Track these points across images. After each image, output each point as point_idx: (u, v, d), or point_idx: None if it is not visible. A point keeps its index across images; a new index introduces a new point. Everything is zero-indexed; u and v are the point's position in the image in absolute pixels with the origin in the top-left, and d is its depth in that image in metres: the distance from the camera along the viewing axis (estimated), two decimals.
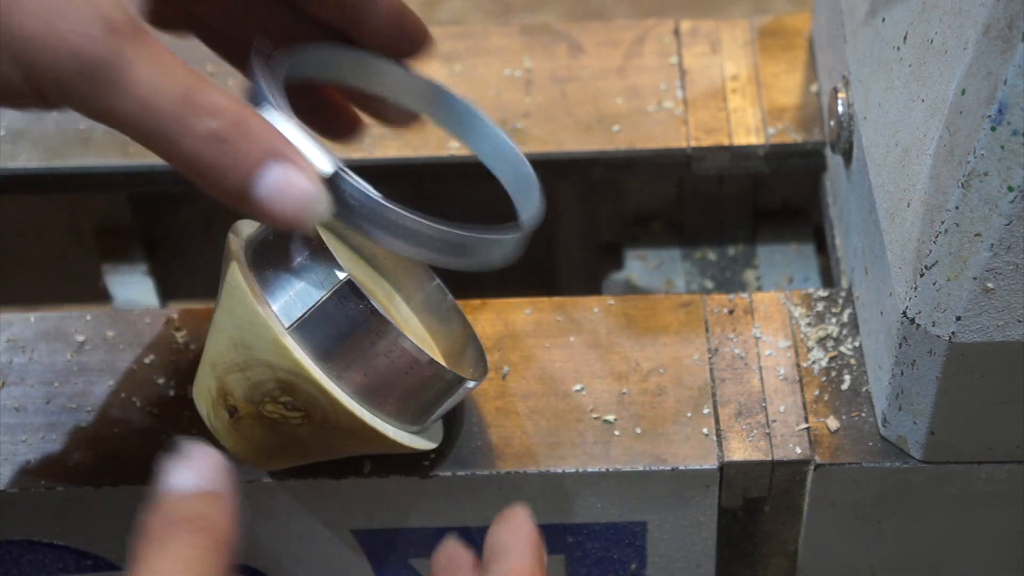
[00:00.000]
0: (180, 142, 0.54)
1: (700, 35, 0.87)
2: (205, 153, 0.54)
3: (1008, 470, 0.69)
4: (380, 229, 0.59)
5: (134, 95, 0.53)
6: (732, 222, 0.89)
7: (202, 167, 0.55)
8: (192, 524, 0.52)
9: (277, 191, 0.55)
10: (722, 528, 0.72)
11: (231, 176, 0.55)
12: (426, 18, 0.68)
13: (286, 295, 0.61)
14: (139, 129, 0.54)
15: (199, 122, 0.54)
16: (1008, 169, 0.59)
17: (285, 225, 0.56)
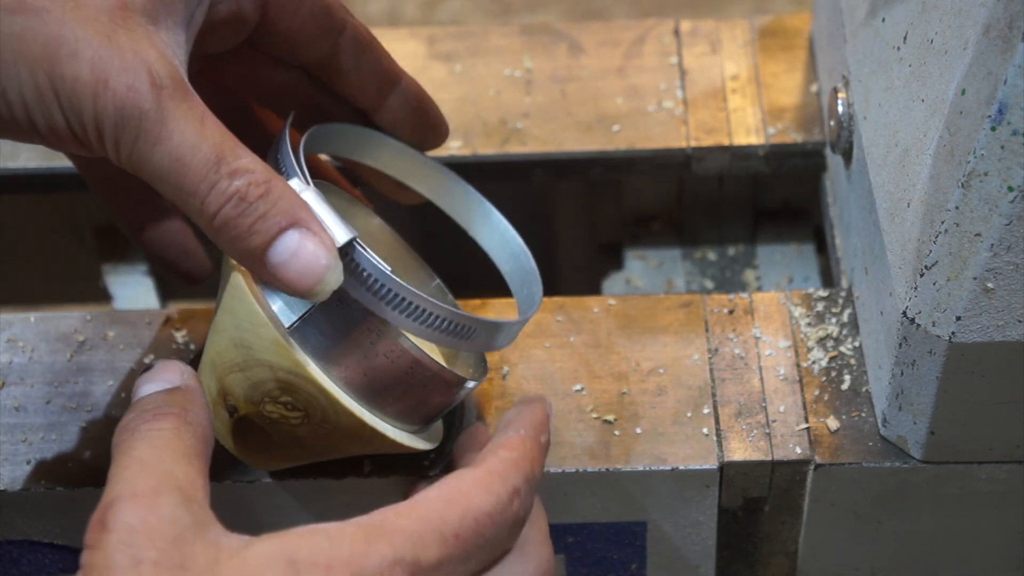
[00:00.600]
0: (206, 199, 0.56)
1: (700, 35, 0.87)
2: (227, 213, 0.56)
3: (1008, 470, 0.69)
4: (387, 304, 0.59)
5: (168, 149, 0.55)
6: (732, 222, 0.89)
7: (223, 226, 0.56)
8: (163, 412, 0.56)
9: (292, 257, 0.57)
10: (722, 528, 0.72)
11: (250, 238, 0.56)
12: (426, 18, 0.68)
13: (286, 295, 0.61)
14: (168, 182, 0.56)
15: (226, 182, 0.56)
16: (1008, 169, 0.59)
17: (297, 293, 0.57)
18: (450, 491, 0.57)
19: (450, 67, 0.86)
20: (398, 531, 0.54)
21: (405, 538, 0.54)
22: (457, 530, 0.55)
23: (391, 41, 0.87)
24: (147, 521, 0.52)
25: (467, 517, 0.56)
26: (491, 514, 0.57)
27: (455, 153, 0.82)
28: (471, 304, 0.76)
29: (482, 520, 0.56)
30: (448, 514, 0.56)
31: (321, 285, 0.57)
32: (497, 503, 0.57)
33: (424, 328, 0.60)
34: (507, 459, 0.59)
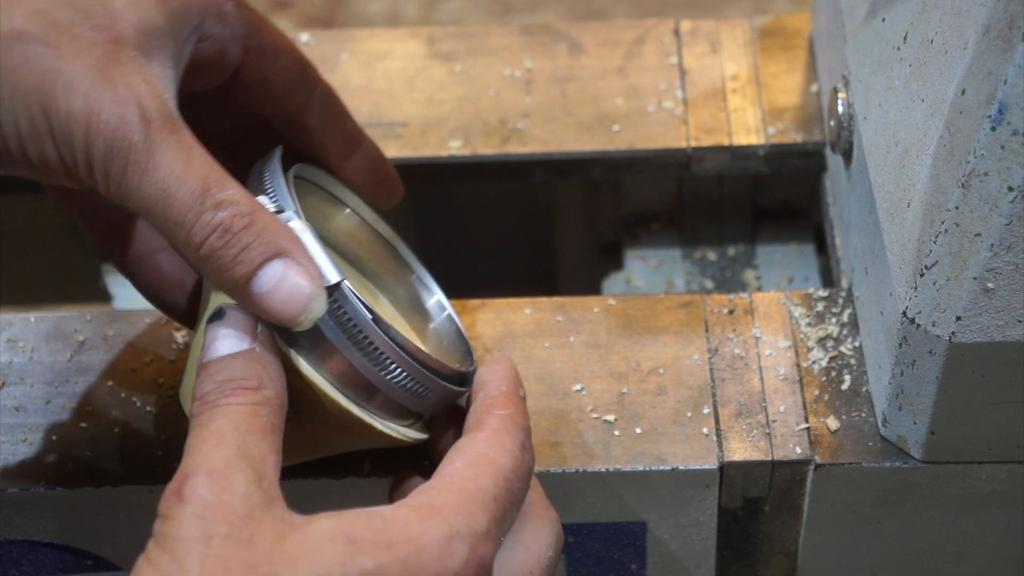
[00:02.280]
0: (191, 230, 0.57)
1: (700, 35, 0.87)
2: (212, 244, 0.57)
3: (1008, 470, 0.69)
4: (363, 350, 0.60)
5: (155, 180, 0.57)
6: (732, 222, 0.89)
7: (208, 257, 0.57)
8: (242, 386, 0.57)
9: (275, 288, 0.58)
10: (722, 528, 0.72)
11: (234, 268, 0.57)
12: (426, 18, 0.68)
13: None
14: (155, 213, 0.57)
15: (211, 213, 0.57)
16: (1008, 169, 0.59)
17: (281, 322, 0.58)
18: (473, 457, 0.59)
19: (450, 67, 0.86)
20: (446, 506, 0.56)
21: (454, 511, 0.56)
22: (495, 493, 0.58)
23: (391, 41, 0.87)
24: (221, 497, 0.53)
25: (499, 479, 0.58)
26: (514, 470, 0.59)
27: (455, 153, 0.82)
28: (471, 304, 0.76)
29: (509, 478, 0.59)
30: (482, 480, 0.58)
31: (304, 315, 0.58)
32: (514, 459, 0.60)
33: (391, 383, 0.61)
34: (505, 416, 0.61)
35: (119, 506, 0.70)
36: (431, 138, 0.82)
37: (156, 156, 0.56)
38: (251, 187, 0.63)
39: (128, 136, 0.56)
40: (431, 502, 0.56)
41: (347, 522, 0.54)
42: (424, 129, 0.83)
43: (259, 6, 0.69)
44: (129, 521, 0.71)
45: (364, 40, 0.87)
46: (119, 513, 0.70)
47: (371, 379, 0.61)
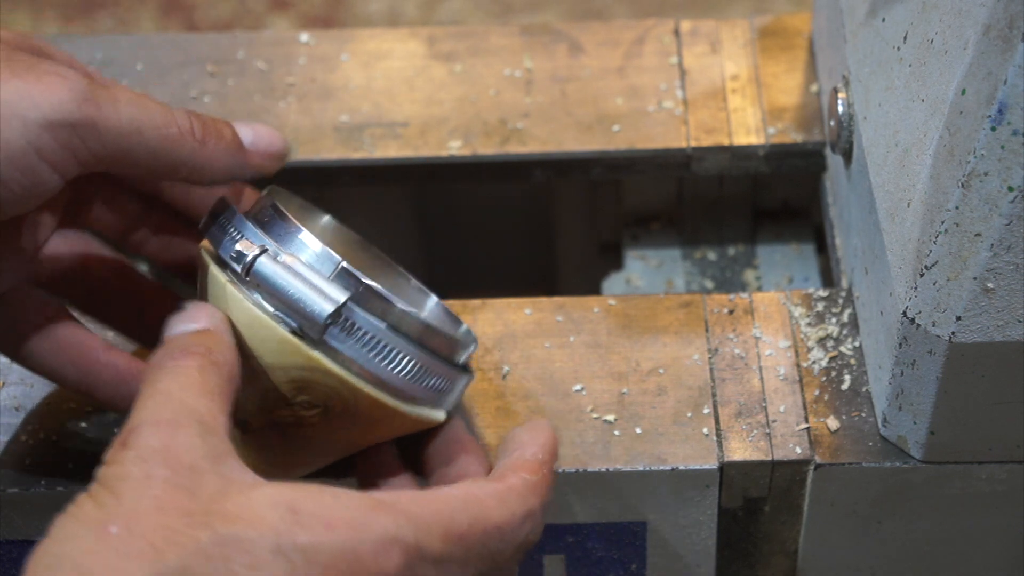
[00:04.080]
0: (172, 119, 0.60)
1: (700, 35, 0.87)
2: (190, 138, 0.61)
3: (1008, 470, 0.69)
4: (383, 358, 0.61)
5: (124, 116, 0.59)
6: (732, 222, 0.89)
7: (194, 147, 0.61)
8: (190, 351, 0.58)
9: (254, 134, 0.63)
10: (722, 528, 0.72)
11: (221, 133, 0.61)
12: (426, 18, 0.68)
13: (276, 303, 0.61)
14: (138, 127, 0.59)
15: (183, 112, 0.61)
16: (1008, 169, 0.59)
17: (273, 160, 0.62)
18: (467, 495, 0.57)
19: (450, 67, 0.86)
20: (404, 512, 0.54)
21: (410, 520, 0.54)
22: (464, 532, 0.56)
23: (391, 41, 0.87)
24: (166, 445, 0.54)
25: (476, 524, 0.56)
26: (501, 528, 0.57)
27: (455, 153, 0.82)
28: (471, 304, 0.76)
29: (490, 531, 0.57)
30: (460, 515, 0.56)
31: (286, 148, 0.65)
32: (511, 519, 0.58)
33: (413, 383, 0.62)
34: (528, 481, 0.60)
35: None
36: (431, 138, 0.82)
37: (111, 105, 0.59)
38: (220, 237, 0.62)
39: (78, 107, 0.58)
40: (394, 502, 0.55)
41: (295, 492, 0.53)
42: (424, 129, 0.83)
43: (259, 7, 0.69)
44: None
45: (364, 40, 0.87)
46: None
47: (394, 382, 0.61)
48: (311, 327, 0.60)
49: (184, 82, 0.84)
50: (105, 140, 0.59)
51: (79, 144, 0.59)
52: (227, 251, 0.61)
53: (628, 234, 0.90)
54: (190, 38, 0.88)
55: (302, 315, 0.60)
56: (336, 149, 0.82)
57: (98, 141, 0.59)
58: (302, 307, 0.60)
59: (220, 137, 0.62)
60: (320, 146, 0.82)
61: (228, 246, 0.61)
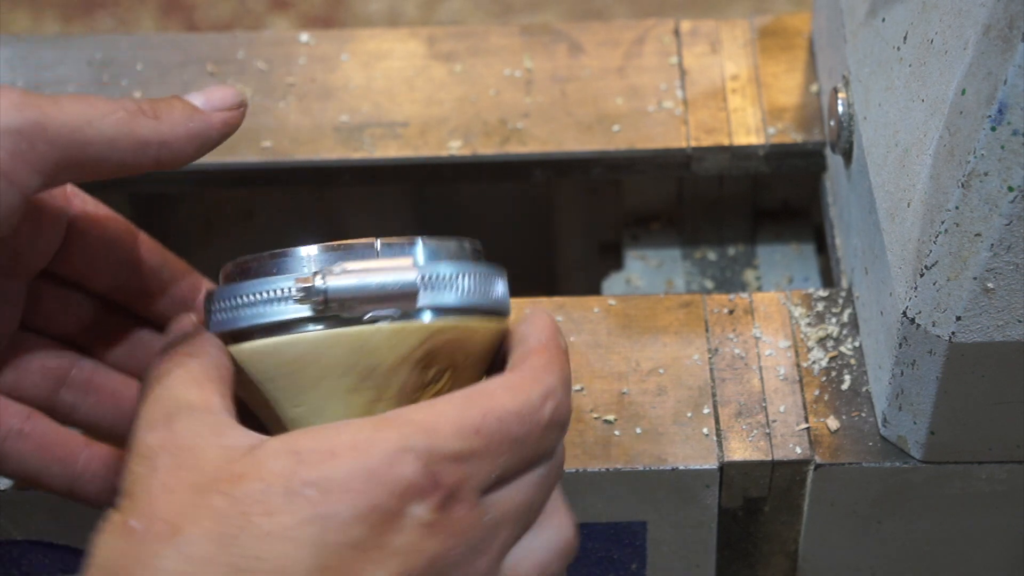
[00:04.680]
0: (128, 119, 0.59)
1: (700, 35, 0.87)
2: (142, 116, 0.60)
3: (1008, 470, 0.69)
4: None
5: (68, 111, 0.58)
6: (732, 222, 0.89)
7: (151, 124, 0.60)
8: (172, 353, 0.59)
9: (207, 94, 0.62)
10: (722, 528, 0.72)
11: (174, 104, 0.61)
12: (426, 18, 0.68)
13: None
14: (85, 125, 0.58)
15: (126, 101, 0.60)
16: (1008, 169, 0.59)
17: (233, 112, 0.61)
18: (472, 392, 0.57)
19: (450, 67, 0.86)
20: (409, 422, 0.54)
21: (416, 428, 0.54)
22: (478, 424, 0.55)
23: (391, 41, 0.87)
24: (164, 437, 0.55)
25: (490, 414, 0.55)
26: (518, 413, 0.56)
27: (455, 153, 0.82)
28: None
29: (507, 419, 0.56)
30: (469, 411, 0.55)
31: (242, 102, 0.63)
32: (526, 402, 0.56)
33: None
34: (537, 364, 0.58)
35: None
36: (431, 138, 0.82)
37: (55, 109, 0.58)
38: (259, 307, 0.60)
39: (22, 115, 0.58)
40: (396, 416, 0.54)
41: (295, 437, 0.54)
42: (424, 129, 0.83)
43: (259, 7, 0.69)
44: None
45: (364, 40, 0.87)
46: None
47: (487, 302, 0.61)
48: (408, 301, 0.59)
49: (184, 82, 0.84)
50: (57, 140, 0.58)
51: (30, 150, 0.57)
52: (282, 305, 0.59)
53: (628, 234, 0.90)
54: (190, 38, 0.88)
55: (396, 297, 0.58)
56: (336, 149, 0.82)
57: (50, 143, 0.58)
58: (393, 289, 0.59)
59: (172, 107, 0.61)
60: (320, 146, 0.82)
61: (280, 302, 0.59)
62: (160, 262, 0.67)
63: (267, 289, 0.59)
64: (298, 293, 0.58)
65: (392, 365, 0.59)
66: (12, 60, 0.85)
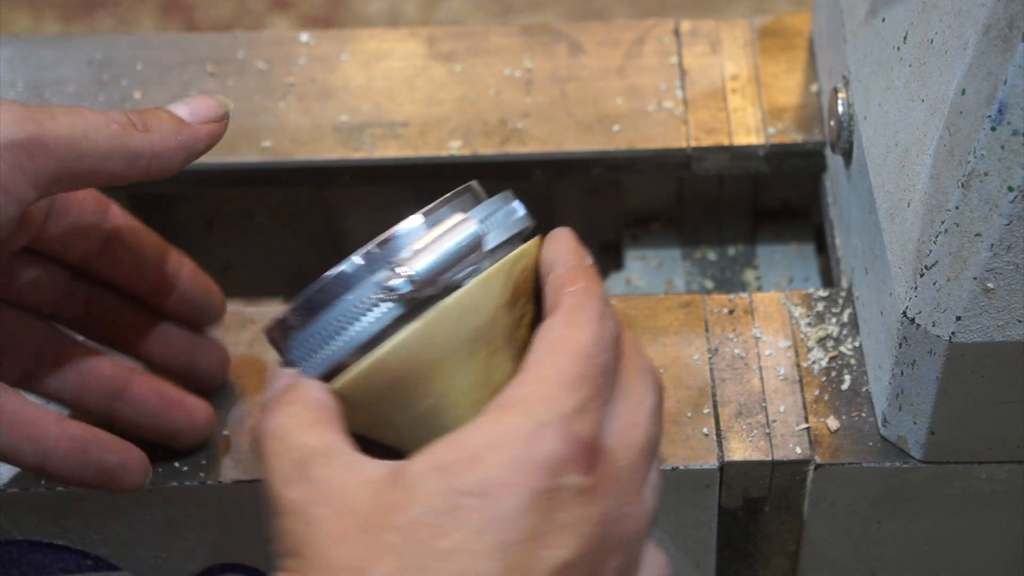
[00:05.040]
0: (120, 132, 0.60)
1: (700, 35, 0.87)
2: (133, 129, 0.61)
3: (1008, 470, 0.69)
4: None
5: (65, 125, 0.59)
6: (732, 222, 0.89)
7: (142, 137, 0.61)
8: (282, 401, 0.58)
9: (191, 105, 0.63)
10: (722, 528, 0.72)
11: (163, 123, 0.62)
12: (426, 18, 0.68)
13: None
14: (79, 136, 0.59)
15: (115, 114, 0.61)
16: (1008, 169, 0.59)
17: (217, 123, 0.63)
18: (549, 342, 0.57)
19: (450, 67, 0.86)
20: (523, 400, 0.55)
21: (533, 402, 0.55)
22: (578, 371, 0.56)
23: (391, 41, 0.87)
24: (306, 490, 0.55)
25: (580, 356, 0.56)
26: (596, 343, 0.57)
27: (455, 153, 0.82)
28: None
29: (591, 352, 0.57)
30: (561, 362, 0.56)
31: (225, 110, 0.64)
32: (593, 332, 0.58)
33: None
34: (576, 292, 0.59)
35: (119, 506, 0.70)
36: (431, 138, 0.82)
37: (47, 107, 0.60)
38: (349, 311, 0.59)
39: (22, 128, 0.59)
40: (508, 401, 0.55)
41: (433, 453, 0.54)
42: (424, 129, 0.83)
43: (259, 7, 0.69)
44: (129, 521, 0.71)
45: (364, 40, 0.87)
46: (119, 513, 0.70)
47: (528, 222, 0.62)
48: (478, 251, 0.59)
49: (184, 82, 0.84)
50: (54, 153, 0.59)
51: (29, 164, 0.58)
52: (374, 316, 0.59)
53: (628, 234, 0.90)
54: (190, 38, 0.88)
55: (470, 251, 0.59)
56: (336, 149, 0.82)
57: (48, 156, 0.59)
58: (465, 246, 0.59)
59: (160, 119, 0.62)
60: (320, 146, 0.82)
61: (370, 313, 0.59)
62: (133, 234, 0.68)
63: (351, 308, 0.59)
64: (387, 295, 0.58)
65: (491, 314, 0.60)
66: (12, 60, 0.85)
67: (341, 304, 0.58)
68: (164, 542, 0.72)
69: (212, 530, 0.71)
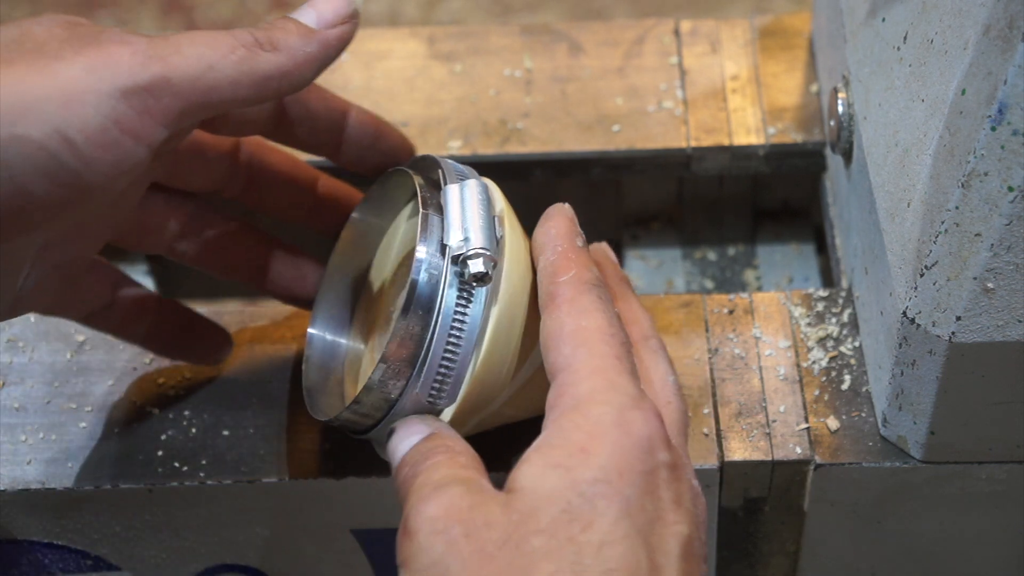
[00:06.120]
0: (247, 56, 0.59)
1: (700, 35, 0.87)
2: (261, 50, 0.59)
3: (1008, 470, 0.69)
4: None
5: (191, 58, 0.58)
6: (732, 222, 0.89)
7: (269, 57, 0.59)
8: (434, 452, 0.59)
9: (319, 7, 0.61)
10: (722, 528, 0.72)
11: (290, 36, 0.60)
12: (426, 18, 0.68)
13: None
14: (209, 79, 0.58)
15: (241, 35, 0.59)
16: (1008, 169, 0.59)
17: (349, 24, 0.61)
18: (572, 337, 0.58)
19: (450, 67, 0.86)
20: (595, 392, 0.56)
21: (605, 391, 0.56)
22: (615, 352, 0.57)
23: (391, 41, 0.87)
24: (440, 506, 0.55)
25: (607, 338, 0.58)
26: (609, 324, 0.58)
27: (455, 153, 0.82)
28: None
29: (614, 331, 0.58)
30: (598, 349, 0.57)
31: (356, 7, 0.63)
32: (602, 315, 0.59)
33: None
34: (570, 281, 0.60)
35: (119, 506, 0.70)
36: (431, 138, 0.82)
37: (173, 39, 0.58)
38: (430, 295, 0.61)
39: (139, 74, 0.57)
40: (579, 399, 0.56)
41: (538, 457, 0.55)
42: (424, 129, 0.83)
43: (259, 6, 0.69)
44: (129, 521, 0.71)
45: (364, 40, 0.87)
46: (119, 513, 0.70)
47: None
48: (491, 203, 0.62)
49: None
50: (180, 91, 0.57)
51: (156, 105, 0.57)
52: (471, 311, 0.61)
53: (628, 234, 0.90)
54: None
55: (489, 205, 0.62)
56: None
57: (175, 95, 0.57)
58: (488, 210, 0.62)
59: (287, 33, 0.60)
60: None
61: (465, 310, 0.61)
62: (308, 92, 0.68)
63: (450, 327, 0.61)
64: (476, 287, 0.60)
65: (521, 231, 0.63)
66: None
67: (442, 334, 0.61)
68: (164, 542, 0.72)
69: (212, 530, 0.71)
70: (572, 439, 0.55)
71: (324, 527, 0.71)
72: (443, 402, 0.61)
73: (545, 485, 0.54)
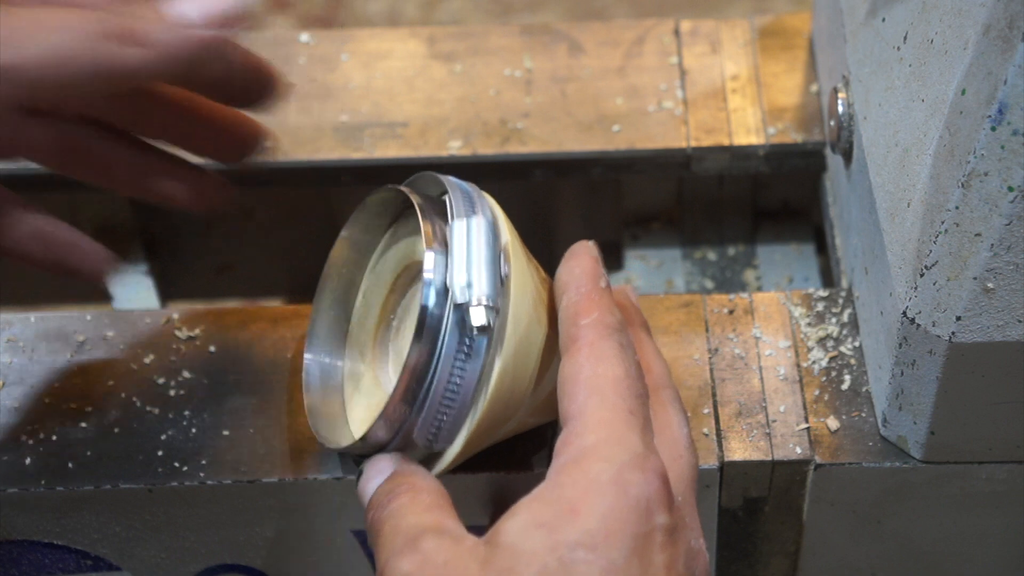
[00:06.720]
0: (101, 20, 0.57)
1: (700, 35, 0.87)
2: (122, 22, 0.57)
3: (1008, 470, 0.69)
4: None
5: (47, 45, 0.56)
6: (732, 222, 0.89)
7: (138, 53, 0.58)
8: (398, 491, 0.59)
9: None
10: (722, 528, 0.72)
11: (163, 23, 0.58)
12: (426, 18, 0.68)
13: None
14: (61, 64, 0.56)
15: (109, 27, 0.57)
16: (1008, 169, 0.59)
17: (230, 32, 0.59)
18: (588, 383, 0.57)
19: (450, 67, 0.86)
20: (597, 446, 0.55)
21: (609, 446, 0.55)
22: (628, 406, 0.57)
23: (391, 41, 0.87)
24: (416, 560, 0.55)
25: (622, 391, 0.57)
26: (628, 373, 0.58)
27: (455, 153, 0.82)
28: None
29: (632, 385, 0.57)
30: (607, 402, 0.57)
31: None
32: (622, 363, 0.58)
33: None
34: (592, 324, 0.59)
35: (119, 506, 0.70)
36: (431, 138, 0.82)
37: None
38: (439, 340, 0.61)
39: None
40: (583, 451, 0.55)
41: (526, 512, 0.54)
42: (424, 129, 0.83)
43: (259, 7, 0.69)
44: (129, 521, 0.71)
45: (364, 40, 0.87)
46: (119, 513, 0.70)
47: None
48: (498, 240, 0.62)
49: None
50: (28, 80, 0.56)
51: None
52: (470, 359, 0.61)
53: (628, 234, 0.90)
54: None
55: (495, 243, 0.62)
56: (336, 149, 0.82)
57: (20, 85, 0.56)
58: (494, 248, 0.62)
59: (159, 24, 0.58)
60: (320, 146, 0.82)
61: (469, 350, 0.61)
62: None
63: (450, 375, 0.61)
64: (477, 337, 0.60)
65: (525, 259, 0.63)
66: None
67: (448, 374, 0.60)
68: (164, 542, 0.72)
69: (212, 530, 0.71)
70: (565, 496, 0.54)
71: (324, 527, 0.71)
72: (440, 444, 0.61)
73: (526, 544, 0.53)
